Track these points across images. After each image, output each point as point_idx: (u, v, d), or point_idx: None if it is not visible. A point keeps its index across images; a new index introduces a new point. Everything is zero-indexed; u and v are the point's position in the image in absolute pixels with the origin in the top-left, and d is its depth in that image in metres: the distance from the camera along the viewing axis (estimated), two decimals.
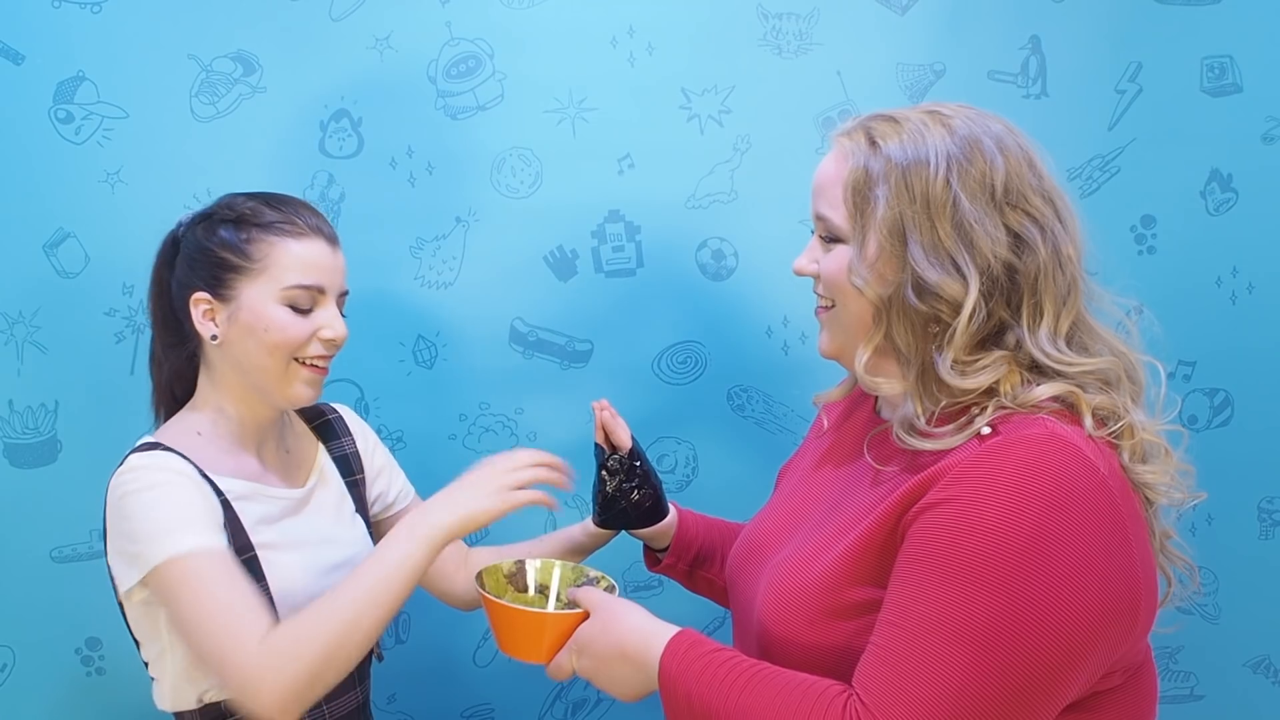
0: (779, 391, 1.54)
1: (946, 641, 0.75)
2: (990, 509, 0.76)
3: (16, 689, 1.49)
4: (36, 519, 1.46)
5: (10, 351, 1.45)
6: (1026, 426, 0.79)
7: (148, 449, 1.03)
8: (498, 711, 1.57)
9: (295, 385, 1.08)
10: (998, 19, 1.49)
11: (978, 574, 0.75)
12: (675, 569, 1.23)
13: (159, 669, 1.06)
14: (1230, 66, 1.51)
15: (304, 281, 1.06)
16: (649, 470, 1.21)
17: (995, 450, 0.78)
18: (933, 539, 0.78)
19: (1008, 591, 0.74)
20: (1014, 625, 0.74)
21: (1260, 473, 1.58)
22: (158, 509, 0.98)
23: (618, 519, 1.20)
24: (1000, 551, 0.75)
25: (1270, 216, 1.53)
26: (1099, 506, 0.77)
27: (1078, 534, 0.76)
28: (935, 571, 0.77)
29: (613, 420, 1.19)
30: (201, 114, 1.45)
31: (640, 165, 1.50)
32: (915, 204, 0.83)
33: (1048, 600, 0.74)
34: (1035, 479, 0.76)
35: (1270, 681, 1.62)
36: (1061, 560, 0.75)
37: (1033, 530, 0.75)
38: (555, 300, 1.51)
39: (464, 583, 1.28)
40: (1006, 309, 0.84)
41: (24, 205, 1.43)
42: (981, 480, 0.77)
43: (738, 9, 1.49)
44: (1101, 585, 0.77)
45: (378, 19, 1.46)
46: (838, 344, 0.93)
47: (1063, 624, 0.75)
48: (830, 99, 1.50)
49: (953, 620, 0.75)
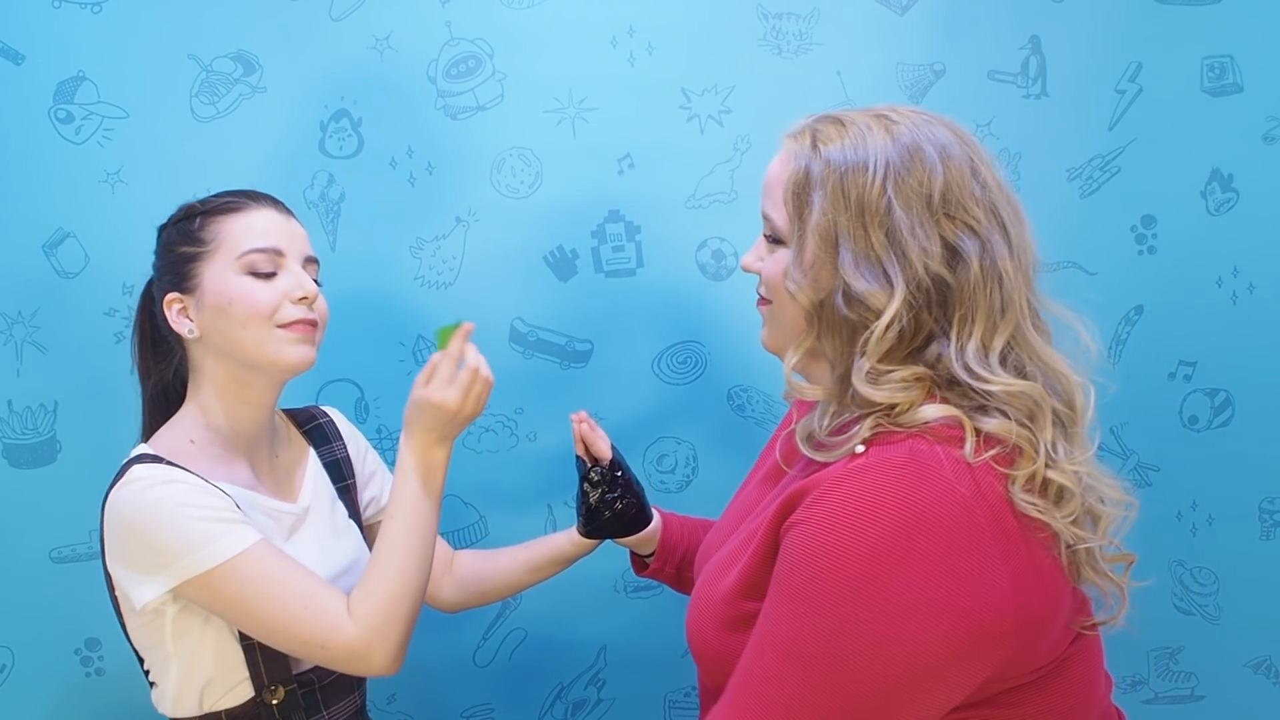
0: (779, 391, 1.52)
1: (779, 659, 0.77)
2: (832, 533, 0.75)
3: (16, 689, 1.49)
4: (36, 519, 1.46)
5: (10, 351, 1.45)
6: (891, 448, 0.78)
7: (148, 461, 1.02)
8: (498, 711, 1.57)
9: (284, 347, 1.07)
10: (998, 19, 1.49)
11: (809, 596, 0.76)
12: (662, 573, 1.24)
13: (162, 675, 1.06)
14: (1230, 66, 1.51)
15: (258, 245, 1.06)
16: (630, 479, 1.22)
17: (853, 472, 0.77)
18: (784, 559, 0.79)
19: (836, 615, 0.74)
20: (837, 649, 0.75)
21: (1260, 473, 1.58)
22: (186, 516, 0.98)
23: (603, 529, 1.22)
24: (833, 576, 0.75)
25: (1270, 216, 1.53)
26: (952, 530, 0.75)
27: (922, 560, 0.74)
28: (781, 590, 0.78)
29: (591, 432, 1.21)
30: (201, 114, 1.45)
31: (640, 165, 1.50)
32: (850, 211, 0.82)
33: (871, 627, 0.74)
34: (882, 503, 0.75)
35: (1270, 682, 1.62)
36: (897, 587, 0.74)
37: (869, 556, 0.74)
38: (555, 300, 1.51)
39: (449, 588, 1.30)
40: (937, 321, 0.82)
41: (24, 205, 1.43)
42: (833, 503, 0.76)
43: (738, 9, 1.49)
44: (949, 609, 0.74)
45: (378, 19, 1.46)
46: (775, 340, 0.93)
47: (890, 650, 0.74)
48: (830, 99, 1.49)
49: (784, 639, 0.77)
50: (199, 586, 0.98)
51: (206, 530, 0.97)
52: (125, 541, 1.00)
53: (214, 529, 0.98)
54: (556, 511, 1.53)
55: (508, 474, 1.53)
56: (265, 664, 1.04)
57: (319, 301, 1.10)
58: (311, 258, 1.11)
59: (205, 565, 0.97)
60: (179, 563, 0.97)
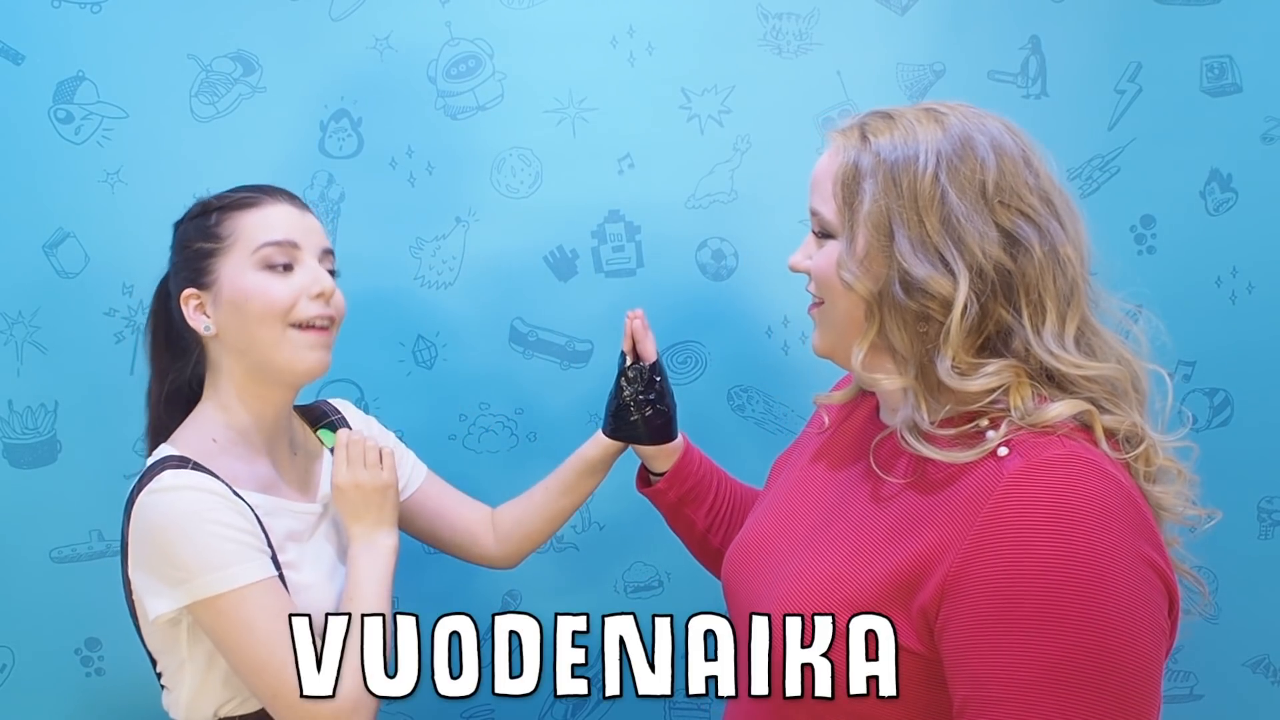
0: (779, 391, 1.54)
1: (1054, 698, 0.72)
2: (1043, 544, 0.73)
3: (16, 689, 1.49)
4: (36, 519, 1.46)
5: (10, 351, 1.45)
6: (1045, 448, 0.77)
7: (178, 465, 1.01)
8: (498, 712, 1.57)
9: (299, 352, 1.06)
10: (998, 19, 1.49)
11: (1053, 615, 0.73)
12: (664, 495, 1.22)
13: (175, 681, 1.05)
14: (1230, 66, 1.51)
15: (273, 238, 1.05)
16: (667, 388, 1.21)
17: (1022, 479, 0.76)
18: (994, 594, 0.74)
19: (1086, 623, 0.72)
20: (1105, 655, 0.72)
21: (1260, 473, 1.58)
22: (208, 537, 0.97)
23: (627, 430, 1.20)
24: (1062, 584, 0.72)
25: (1270, 216, 1.53)
26: (1135, 520, 0.76)
27: (1127, 550, 0.74)
28: (1010, 627, 0.74)
29: (643, 330, 1.20)
30: (201, 114, 1.45)
31: (640, 165, 1.50)
32: (902, 198, 0.82)
33: (1124, 620, 0.73)
34: (1072, 503, 0.74)
35: (1270, 681, 1.62)
36: (1120, 578, 0.73)
37: (1086, 553, 0.73)
38: (555, 300, 1.51)
39: (494, 546, 1.29)
40: (1006, 309, 0.82)
41: (24, 205, 1.43)
42: (1020, 516, 0.75)
43: (738, 9, 1.49)
44: (1156, 596, 0.76)
45: (378, 19, 1.46)
46: (829, 342, 0.92)
47: (1143, 638, 0.74)
48: (830, 99, 1.50)
49: (1047, 674, 0.73)
50: (207, 607, 0.97)
51: (230, 552, 0.97)
52: (150, 550, 0.99)
53: (236, 552, 0.97)
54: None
55: (508, 474, 1.53)
56: None
57: (336, 296, 1.09)
58: (328, 249, 1.11)
59: (220, 588, 0.96)
60: (196, 580, 0.96)
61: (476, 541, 1.28)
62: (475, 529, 1.28)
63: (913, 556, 0.80)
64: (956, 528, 0.77)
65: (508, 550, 1.29)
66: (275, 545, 1.04)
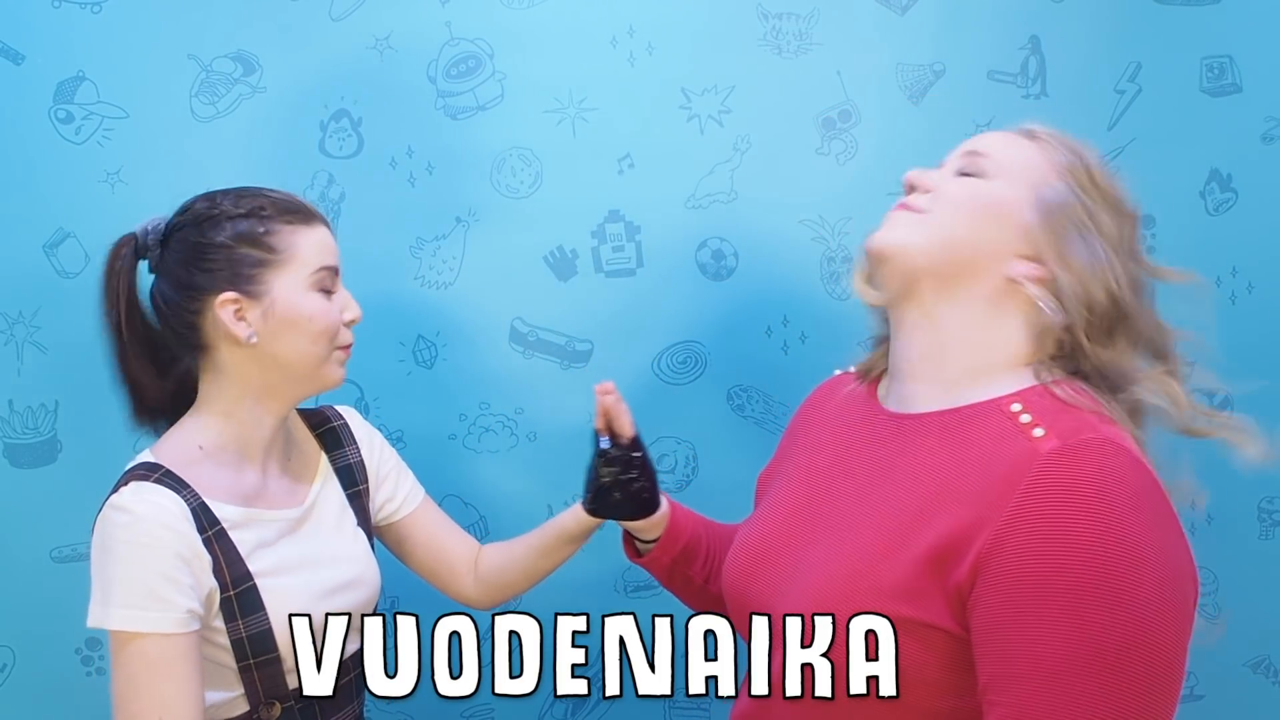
0: (779, 391, 1.54)
1: (1083, 679, 0.74)
2: (1079, 523, 0.75)
3: (16, 689, 1.49)
4: (36, 519, 1.46)
5: (10, 351, 1.45)
6: (1079, 431, 0.79)
7: (145, 476, 1.01)
8: (498, 712, 1.57)
9: (335, 370, 1.12)
10: (998, 19, 1.49)
11: (1086, 593, 0.74)
12: (658, 563, 1.20)
13: None
14: (1230, 66, 1.51)
15: (329, 263, 1.09)
16: (648, 461, 1.16)
17: (1060, 459, 0.77)
18: (1028, 571, 0.76)
19: (1118, 606, 0.73)
20: (1134, 638, 0.73)
21: (1260, 473, 1.57)
22: (134, 573, 0.97)
23: (611, 509, 1.16)
24: (1098, 563, 0.74)
25: (1270, 216, 1.53)
26: (1165, 509, 0.79)
27: (1159, 536, 0.76)
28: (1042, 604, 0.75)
29: (616, 406, 1.13)
30: (201, 114, 1.45)
31: (640, 165, 1.50)
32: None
33: (1155, 604, 0.74)
34: (1108, 486, 0.75)
35: (1270, 681, 1.62)
36: (1152, 563, 0.75)
37: (1121, 534, 0.74)
38: (555, 300, 1.51)
39: (474, 586, 1.28)
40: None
41: (24, 205, 1.43)
42: (1057, 496, 0.76)
43: (738, 9, 1.49)
44: (1185, 582, 0.78)
45: (378, 19, 1.46)
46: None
47: (1170, 623, 0.75)
48: (830, 99, 1.50)
49: (1077, 654, 0.74)
50: (111, 636, 0.98)
51: (138, 595, 0.97)
52: (94, 561, 1.01)
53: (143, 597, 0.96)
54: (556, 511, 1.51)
55: (508, 474, 1.53)
56: (261, 682, 1.04)
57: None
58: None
59: (121, 625, 0.97)
60: (110, 608, 0.97)
61: (456, 578, 1.27)
62: (458, 565, 1.27)
63: (946, 533, 0.81)
64: (991, 505, 0.78)
65: (485, 594, 1.27)
66: (245, 557, 1.03)
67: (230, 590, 1.02)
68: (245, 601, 1.02)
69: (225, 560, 1.01)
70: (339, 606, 1.09)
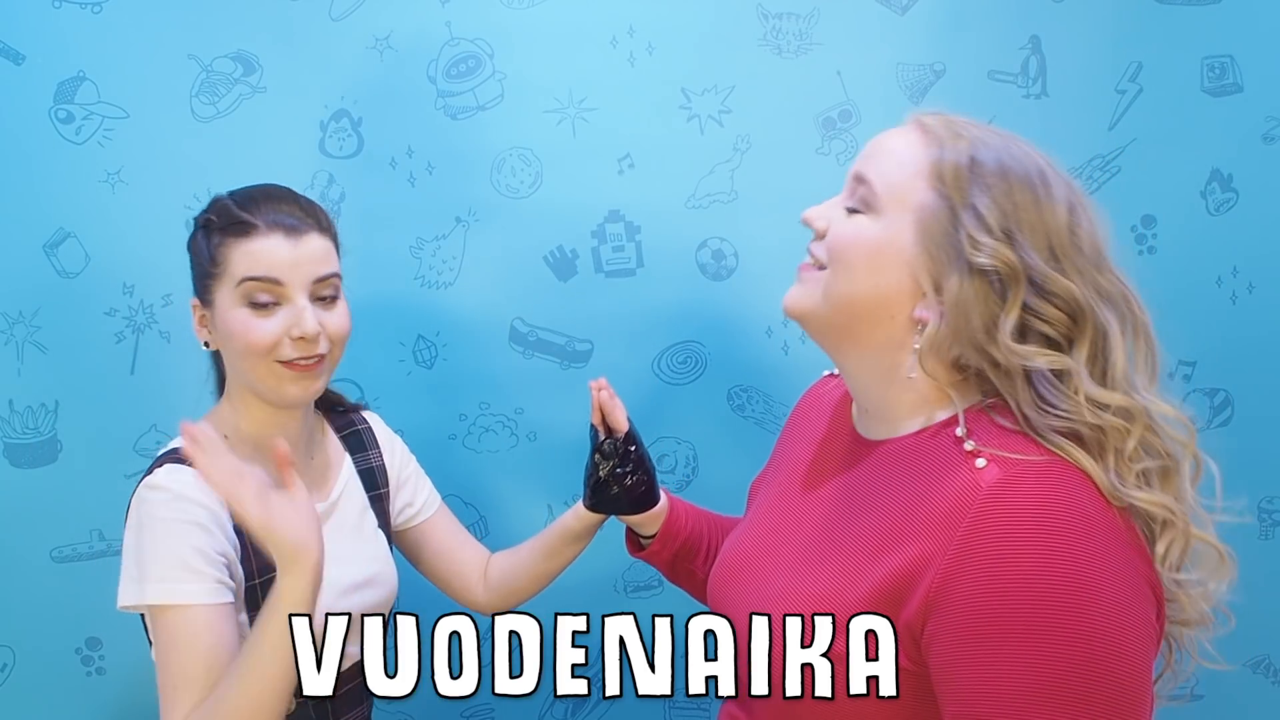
0: (779, 391, 1.54)
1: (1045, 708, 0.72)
2: (1024, 558, 0.72)
3: (16, 689, 1.49)
4: (36, 519, 1.46)
5: (10, 351, 1.45)
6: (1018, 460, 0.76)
7: (176, 461, 1.02)
8: (498, 711, 1.57)
9: (282, 385, 1.06)
10: (998, 19, 1.49)
11: (1041, 629, 0.72)
12: (659, 557, 1.21)
13: None
14: (1230, 66, 1.51)
15: (253, 273, 1.03)
16: (644, 455, 1.19)
17: (1002, 489, 0.75)
18: (978, 608, 0.74)
19: (1073, 634, 0.71)
20: (1093, 665, 0.71)
21: (1260, 473, 1.58)
22: (169, 546, 0.98)
23: (609, 504, 1.19)
24: (1050, 597, 0.72)
25: (1270, 216, 1.53)
26: (1115, 525, 0.76)
27: (1111, 556, 0.74)
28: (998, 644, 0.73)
29: (610, 401, 1.18)
30: (201, 114, 1.45)
31: (640, 165, 1.50)
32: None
33: (1112, 628, 0.72)
34: (1052, 511, 0.73)
35: (1270, 681, 1.62)
36: (1106, 585, 0.73)
37: (1067, 564, 0.72)
38: (555, 300, 1.51)
39: (484, 592, 1.29)
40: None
41: (24, 205, 1.43)
42: (1002, 527, 0.74)
43: (738, 9, 1.49)
44: (1142, 601, 0.76)
45: (378, 19, 1.46)
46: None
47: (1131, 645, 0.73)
48: (830, 99, 1.50)
49: (1037, 686, 0.72)
50: (150, 612, 0.99)
51: (175, 569, 0.97)
52: (129, 541, 1.02)
53: (180, 571, 0.97)
54: (556, 511, 1.53)
55: (508, 474, 1.53)
56: None
57: (334, 321, 1.07)
58: (324, 276, 1.07)
59: (162, 599, 0.97)
60: (148, 584, 0.98)
61: (468, 586, 1.29)
62: (470, 573, 1.29)
63: (896, 571, 0.79)
64: (937, 540, 0.77)
65: (494, 600, 1.29)
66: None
67: (255, 579, 1.04)
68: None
69: (252, 549, 1.03)
70: (357, 604, 1.10)
